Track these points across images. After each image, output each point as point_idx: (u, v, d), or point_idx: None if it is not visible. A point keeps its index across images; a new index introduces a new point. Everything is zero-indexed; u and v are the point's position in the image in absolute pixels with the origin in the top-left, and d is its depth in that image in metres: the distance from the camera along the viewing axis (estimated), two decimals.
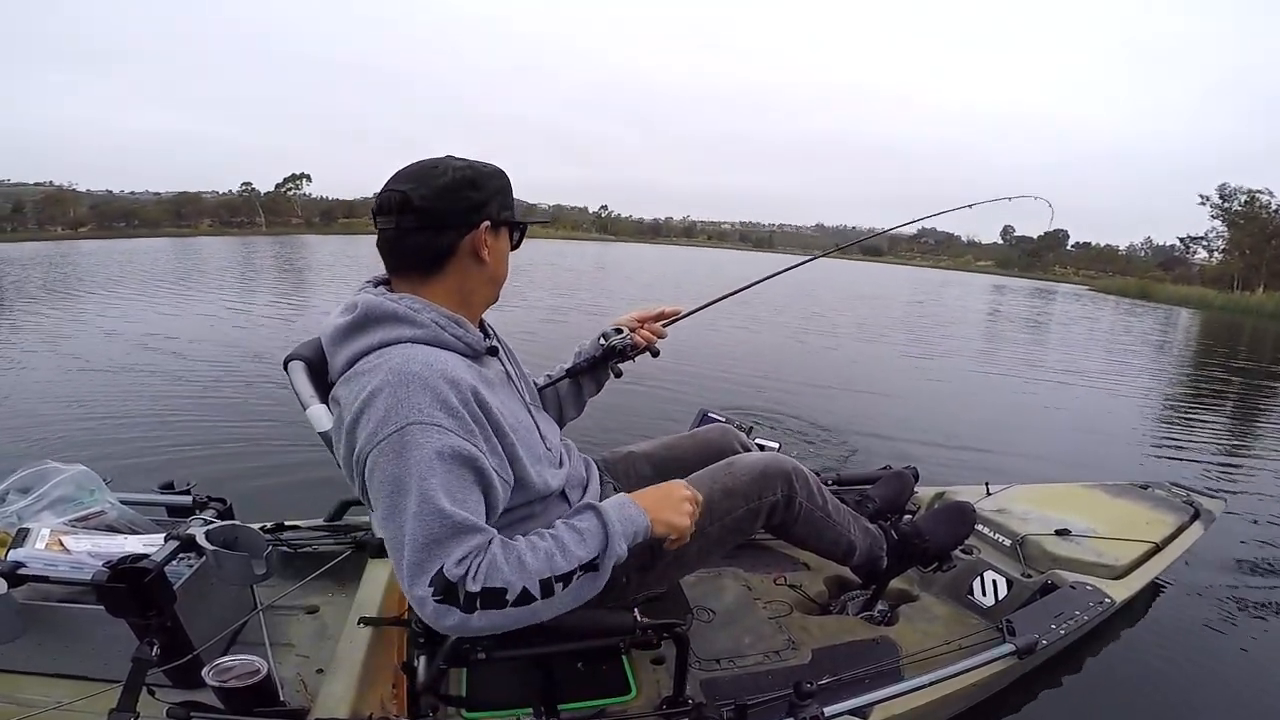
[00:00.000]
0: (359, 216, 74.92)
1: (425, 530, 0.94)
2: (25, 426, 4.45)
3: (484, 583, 0.94)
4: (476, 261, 1.15)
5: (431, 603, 0.93)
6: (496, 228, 1.16)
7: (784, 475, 1.44)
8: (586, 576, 1.03)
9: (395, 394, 0.98)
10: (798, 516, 1.47)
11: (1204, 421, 6.37)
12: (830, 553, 1.61)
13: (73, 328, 8.64)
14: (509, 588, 0.95)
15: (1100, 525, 2.25)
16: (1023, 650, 1.60)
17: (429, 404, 0.98)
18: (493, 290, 1.24)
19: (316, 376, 1.19)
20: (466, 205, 1.11)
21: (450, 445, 0.98)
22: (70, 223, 55.52)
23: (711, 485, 1.38)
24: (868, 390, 6.63)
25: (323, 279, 16.94)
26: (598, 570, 1.04)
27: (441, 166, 1.11)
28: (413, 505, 0.95)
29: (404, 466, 0.96)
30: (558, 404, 1.58)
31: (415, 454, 0.96)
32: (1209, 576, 2.79)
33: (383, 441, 0.97)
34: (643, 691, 1.47)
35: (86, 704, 1.21)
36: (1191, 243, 56.10)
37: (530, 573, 0.97)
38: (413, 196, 1.08)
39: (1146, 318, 20.68)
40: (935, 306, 18.26)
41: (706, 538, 1.36)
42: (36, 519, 1.52)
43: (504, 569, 0.96)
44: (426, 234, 1.11)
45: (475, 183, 1.12)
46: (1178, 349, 13.41)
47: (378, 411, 0.98)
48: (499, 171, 1.17)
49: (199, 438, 4.22)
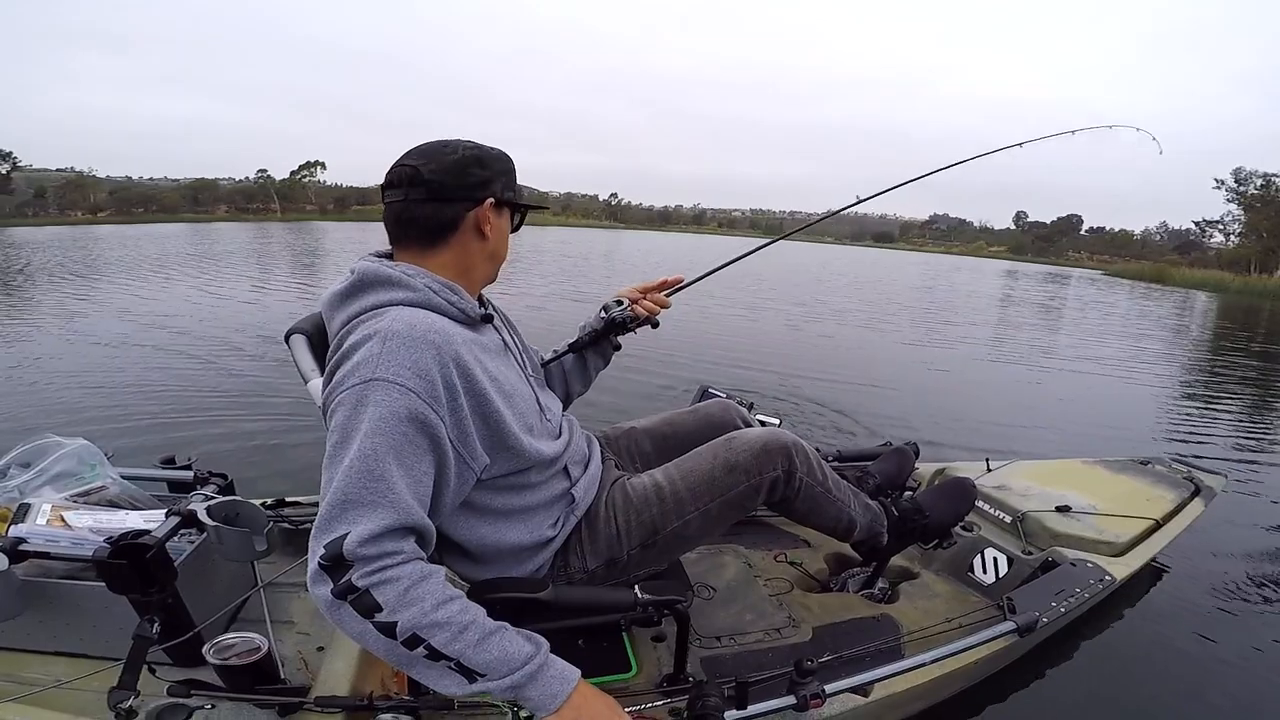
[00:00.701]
0: (372, 203, 76.02)
1: (349, 487, 0.94)
2: (28, 400, 4.47)
3: (370, 586, 0.93)
4: (478, 236, 1.19)
5: (315, 563, 0.93)
6: (500, 206, 1.21)
7: (784, 450, 1.42)
8: (454, 673, 0.97)
9: (372, 349, 1.00)
10: (798, 492, 1.45)
11: (1224, 404, 6.27)
12: (831, 529, 1.60)
13: (79, 305, 8.65)
14: (384, 608, 0.93)
15: (1101, 502, 2.25)
16: (1023, 628, 1.60)
17: (402, 364, 0.99)
18: (491, 267, 1.27)
19: (317, 350, 1.19)
20: (473, 181, 1.16)
21: (410, 408, 0.98)
22: (90, 208, 56.25)
23: (712, 461, 1.39)
24: (867, 369, 6.62)
25: (330, 263, 16.91)
26: (469, 678, 0.98)
27: (451, 145, 1.17)
28: (349, 458, 0.95)
29: (357, 419, 0.97)
30: (563, 379, 1.59)
31: (372, 410, 0.97)
32: (1210, 553, 2.79)
33: (346, 390, 0.99)
34: (643, 669, 1.47)
35: (87, 682, 1.21)
36: (1207, 226, 55.88)
37: (412, 615, 0.93)
38: (423, 170, 1.13)
39: (1163, 302, 20.31)
40: (945, 293, 17.98)
41: (707, 515, 1.37)
42: (38, 494, 1.51)
43: (396, 591, 0.93)
44: (433, 206, 1.15)
45: (482, 161, 1.17)
46: (1195, 332, 13.13)
47: (352, 363, 1.01)
48: (504, 155, 1.22)
49: (200, 412, 4.23)
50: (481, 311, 1.21)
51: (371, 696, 1.20)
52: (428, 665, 0.96)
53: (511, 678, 0.98)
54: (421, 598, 0.94)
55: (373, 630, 0.93)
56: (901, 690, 1.45)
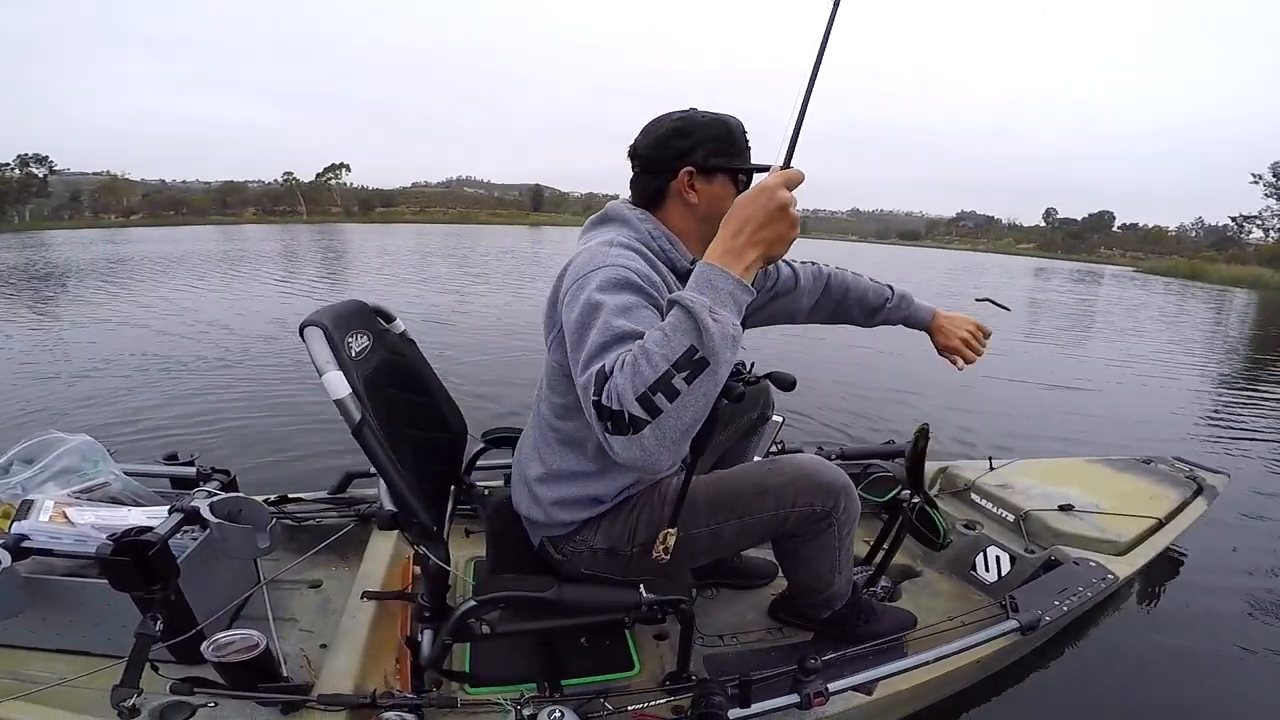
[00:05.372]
0: (395, 206, 76.22)
1: (600, 338, 1.01)
2: (30, 395, 4.47)
3: (612, 402, 0.92)
4: (684, 202, 1.26)
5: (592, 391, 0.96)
6: (709, 173, 1.24)
7: (830, 488, 1.35)
8: (692, 373, 0.90)
9: (592, 258, 1.14)
10: (819, 535, 1.39)
11: (1258, 404, 6.01)
12: (812, 587, 1.53)
13: (85, 304, 8.67)
14: (624, 408, 0.90)
15: (1103, 500, 2.24)
16: (1026, 627, 1.60)
17: (615, 259, 1.12)
18: (709, 229, 1.18)
19: (333, 343, 1.18)
20: (673, 153, 1.24)
21: (624, 277, 1.09)
22: (123, 210, 58.40)
23: (744, 477, 1.37)
24: (874, 366, 6.58)
25: (344, 263, 16.89)
26: (706, 363, 0.90)
27: (661, 120, 1.27)
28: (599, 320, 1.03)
29: (585, 292, 1.08)
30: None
31: (598, 278, 1.09)
32: (1215, 552, 2.79)
33: (574, 282, 1.12)
34: (646, 667, 1.47)
35: (90, 679, 1.21)
36: (1245, 221, 54.68)
37: (630, 394, 0.90)
38: (638, 146, 1.28)
39: (1199, 299, 19.56)
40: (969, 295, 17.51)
41: (718, 535, 1.33)
42: (40, 490, 1.51)
43: (621, 385, 0.91)
44: (645, 178, 1.29)
45: (684, 132, 1.24)
46: (1233, 332, 12.39)
47: (575, 265, 1.16)
48: (717, 121, 1.25)
49: (203, 409, 4.23)
50: (688, 266, 1.24)
51: (375, 694, 1.20)
52: (687, 395, 0.90)
53: (702, 326, 0.90)
54: (628, 376, 0.91)
55: (650, 426, 0.90)
56: (904, 689, 1.45)
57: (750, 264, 0.97)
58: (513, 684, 1.40)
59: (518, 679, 1.42)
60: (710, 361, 0.90)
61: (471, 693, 1.39)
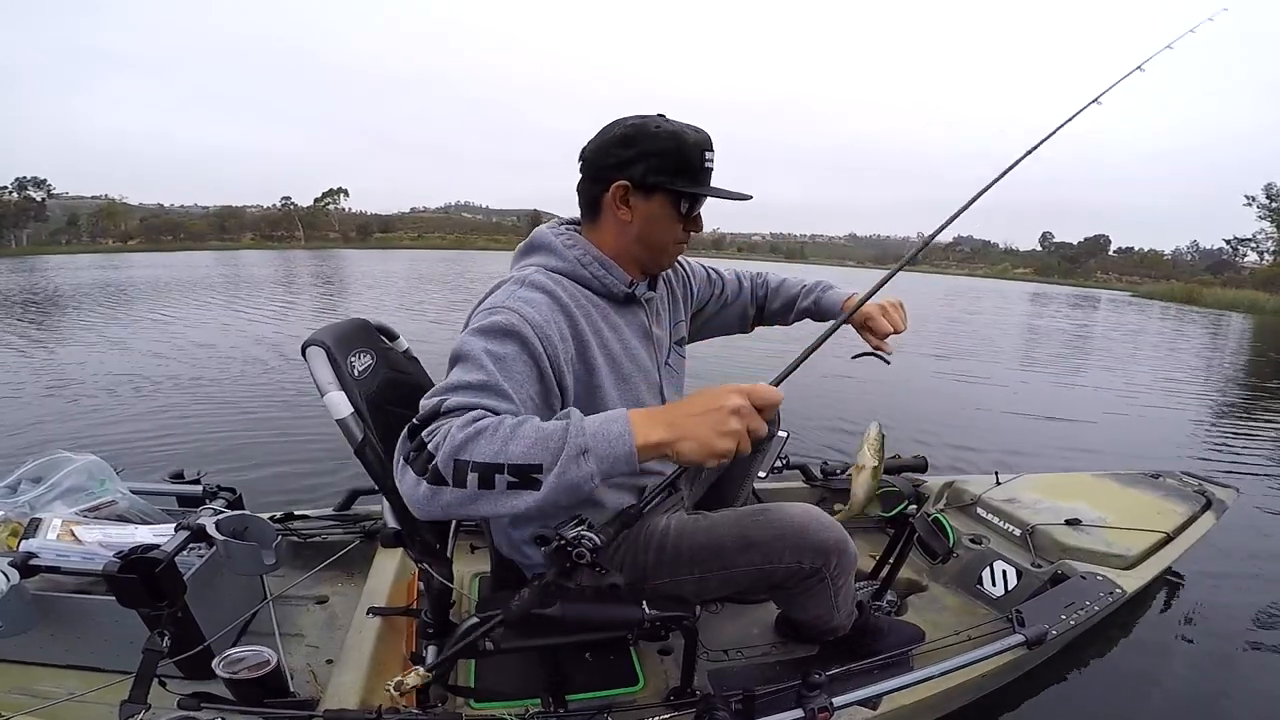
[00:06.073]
0: (393, 231, 75.76)
1: (460, 375, 0.98)
2: (38, 416, 4.50)
3: (430, 440, 0.88)
4: (616, 219, 1.18)
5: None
6: (646, 190, 1.14)
7: (823, 549, 1.25)
8: (518, 483, 0.86)
9: (495, 300, 1.09)
10: (808, 589, 1.31)
11: (1255, 423, 6.03)
12: (812, 624, 1.46)
13: (90, 326, 8.73)
14: (436, 455, 0.86)
15: (1111, 515, 2.23)
16: (1033, 640, 1.59)
17: (523, 302, 1.06)
18: (643, 251, 1.21)
19: (334, 362, 1.19)
20: (611, 161, 1.14)
21: (513, 324, 1.03)
22: (120, 235, 58.71)
23: (731, 527, 1.28)
24: (878, 383, 6.56)
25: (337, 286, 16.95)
26: (536, 486, 0.86)
27: (615, 123, 1.16)
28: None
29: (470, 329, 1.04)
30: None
31: (485, 321, 1.04)
32: (1222, 567, 2.77)
33: (471, 317, 1.09)
34: (650, 682, 1.47)
35: (98, 695, 1.22)
36: (1239, 245, 53.97)
37: (451, 451, 0.85)
38: (585, 148, 1.18)
39: (1196, 324, 19.36)
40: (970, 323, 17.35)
41: (705, 584, 1.29)
42: (48, 509, 1.53)
43: (453, 437, 0.86)
44: (585, 184, 1.20)
45: (630, 140, 1.13)
46: (1230, 355, 12.40)
47: (483, 306, 1.10)
48: (671, 134, 1.12)
49: (208, 427, 4.25)
50: (627, 291, 1.20)
51: (380, 710, 1.20)
52: (492, 494, 0.86)
53: (560, 460, 0.85)
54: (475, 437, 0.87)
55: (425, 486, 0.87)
56: (910, 703, 1.44)
57: (657, 444, 0.88)
58: (517, 699, 1.40)
59: (522, 694, 1.42)
60: (540, 489, 0.86)
61: (476, 708, 1.39)
